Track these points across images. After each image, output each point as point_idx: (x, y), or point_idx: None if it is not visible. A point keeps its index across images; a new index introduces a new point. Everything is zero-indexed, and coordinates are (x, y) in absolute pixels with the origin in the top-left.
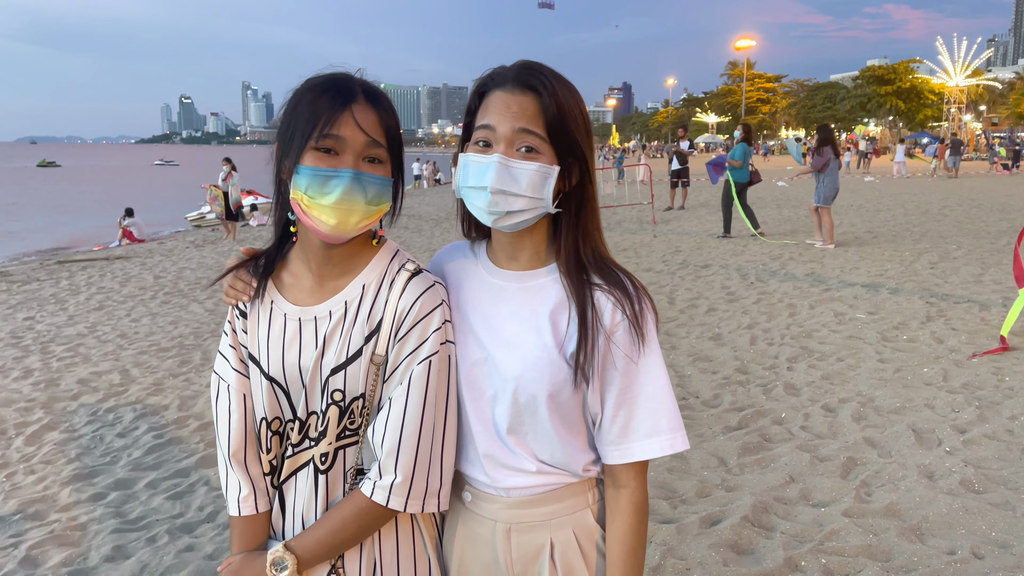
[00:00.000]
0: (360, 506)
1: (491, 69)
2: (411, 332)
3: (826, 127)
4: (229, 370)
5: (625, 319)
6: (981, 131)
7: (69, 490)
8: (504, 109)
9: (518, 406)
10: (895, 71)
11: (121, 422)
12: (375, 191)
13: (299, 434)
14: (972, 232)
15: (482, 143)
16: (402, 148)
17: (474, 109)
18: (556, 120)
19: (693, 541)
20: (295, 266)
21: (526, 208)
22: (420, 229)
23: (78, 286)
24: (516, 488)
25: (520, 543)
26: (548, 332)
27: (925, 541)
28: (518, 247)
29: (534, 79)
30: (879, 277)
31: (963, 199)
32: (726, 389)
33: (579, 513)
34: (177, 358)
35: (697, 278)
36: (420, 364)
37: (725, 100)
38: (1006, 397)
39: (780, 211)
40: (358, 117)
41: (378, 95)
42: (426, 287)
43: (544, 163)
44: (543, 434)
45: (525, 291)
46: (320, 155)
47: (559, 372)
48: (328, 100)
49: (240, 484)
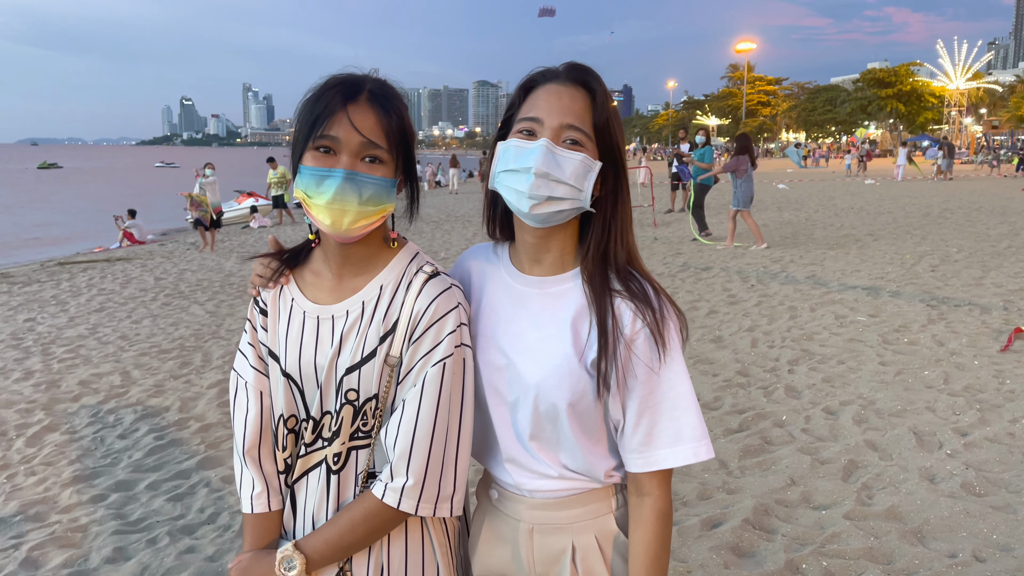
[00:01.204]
0: (370, 508)
1: (538, 68)
2: (426, 334)
3: (745, 136)
4: (247, 367)
5: (645, 327)
6: (982, 134)
7: (70, 492)
8: (555, 101)
9: (539, 413)
10: (896, 74)
11: (122, 424)
12: (372, 192)
13: (312, 434)
14: (973, 235)
15: (526, 132)
16: (411, 149)
17: (518, 103)
18: (602, 120)
19: (694, 544)
20: (317, 265)
21: (566, 197)
22: (421, 231)
23: (79, 288)
24: (539, 491)
25: (542, 544)
26: (568, 340)
27: (926, 544)
28: (543, 249)
29: (587, 76)
30: (880, 280)
31: (964, 202)
32: (727, 391)
33: (601, 518)
34: (178, 360)
35: (698, 280)
36: (434, 367)
37: (726, 103)
38: (1007, 400)
39: (781, 214)
40: (354, 118)
41: (384, 96)
42: (442, 289)
43: (588, 156)
44: (564, 441)
45: (547, 297)
46: (318, 155)
47: (579, 381)
48: (326, 101)
49: (254, 481)
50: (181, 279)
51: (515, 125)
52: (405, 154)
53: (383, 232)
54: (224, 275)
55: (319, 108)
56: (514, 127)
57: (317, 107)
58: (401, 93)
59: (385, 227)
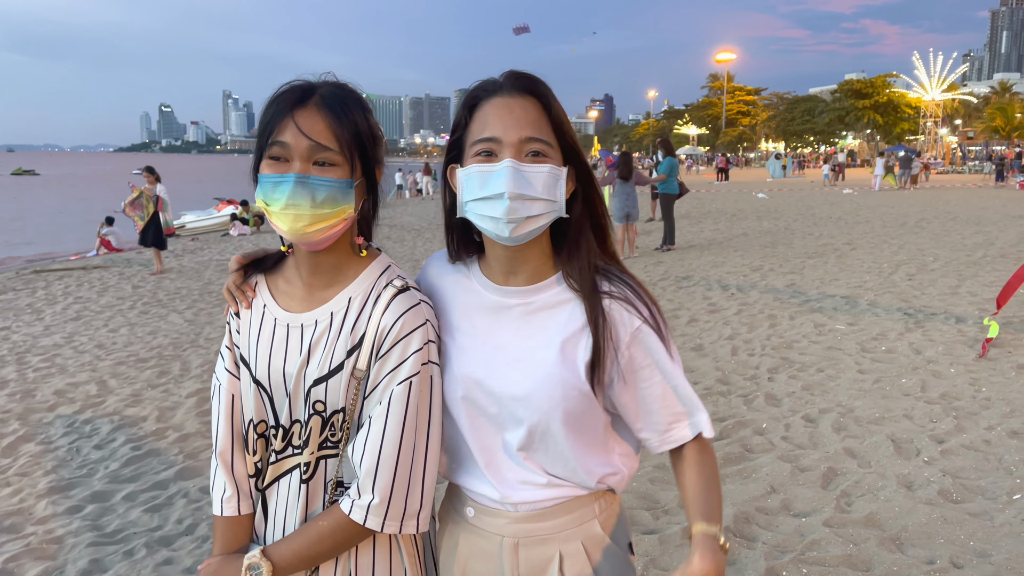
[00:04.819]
0: (338, 522)
1: (477, 82)
2: (392, 350)
3: (627, 154)
4: (223, 370)
5: (643, 323)
6: (957, 144)
7: (45, 503)
8: (506, 115)
9: (529, 425)
10: (872, 85)
11: (98, 434)
12: (325, 194)
13: (282, 441)
14: (949, 244)
15: (484, 154)
16: (371, 149)
17: (464, 122)
18: (558, 123)
19: (676, 552)
20: (289, 273)
21: (543, 212)
22: (402, 239)
23: (55, 296)
24: (525, 503)
25: (528, 557)
26: (557, 348)
27: (904, 551)
28: (520, 261)
29: (532, 84)
30: (858, 288)
31: (940, 212)
32: (708, 399)
33: (587, 524)
34: (156, 369)
35: (679, 289)
36: (400, 385)
37: (706, 112)
38: (983, 407)
39: (760, 223)
40: (300, 122)
41: (335, 98)
42: (410, 306)
43: (554, 165)
44: (555, 450)
45: (529, 307)
46: (271, 163)
47: (573, 387)
48: (275, 108)
49: (225, 484)
50: (159, 287)
51: (469, 148)
52: (363, 156)
53: (351, 239)
54: (203, 283)
55: (269, 116)
56: (468, 149)
57: (267, 115)
58: (377, 103)
59: (351, 234)
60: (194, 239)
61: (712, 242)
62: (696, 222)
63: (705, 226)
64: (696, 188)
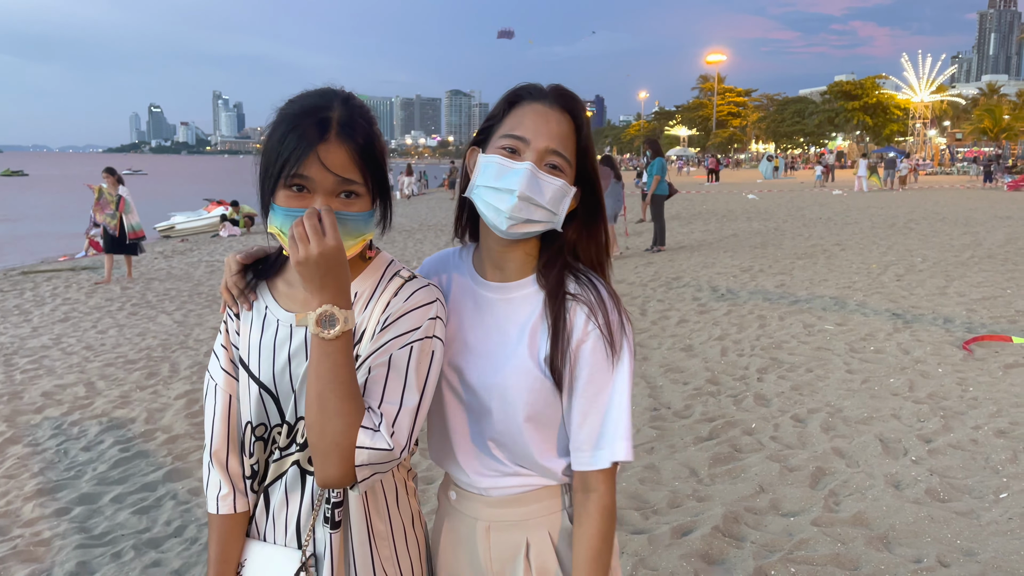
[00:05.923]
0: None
1: (524, 83)
2: (400, 320)
3: (610, 158)
4: (218, 369)
5: (596, 328)
6: (945, 146)
7: (32, 505)
8: (541, 122)
9: (497, 415)
10: (862, 87)
11: (86, 436)
12: (349, 227)
13: (287, 438)
14: (937, 245)
15: (509, 150)
16: (383, 169)
17: (500, 115)
18: (583, 148)
19: (664, 552)
20: (291, 275)
21: (543, 220)
22: (393, 240)
23: (43, 297)
24: (495, 488)
25: (499, 542)
26: (525, 344)
27: (892, 550)
28: (507, 257)
29: (572, 103)
30: (847, 289)
31: (928, 213)
32: (697, 400)
33: (555, 515)
34: (144, 370)
35: (669, 290)
36: (401, 349)
37: (697, 113)
38: (970, 407)
39: (751, 224)
40: (325, 158)
41: (353, 126)
42: (420, 287)
43: (567, 182)
44: (520, 441)
45: (507, 303)
46: (291, 194)
47: (536, 382)
48: (296, 138)
49: (220, 483)
50: (148, 288)
51: (497, 138)
52: (379, 178)
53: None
54: (193, 284)
55: (287, 149)
56: (496, 139)
57: (286, 148)
58: (368, 104)
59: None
60: (184, 240)
61: (702, 243)
62: (686, 223)
63: (695, 227)
64: (687, 189)
